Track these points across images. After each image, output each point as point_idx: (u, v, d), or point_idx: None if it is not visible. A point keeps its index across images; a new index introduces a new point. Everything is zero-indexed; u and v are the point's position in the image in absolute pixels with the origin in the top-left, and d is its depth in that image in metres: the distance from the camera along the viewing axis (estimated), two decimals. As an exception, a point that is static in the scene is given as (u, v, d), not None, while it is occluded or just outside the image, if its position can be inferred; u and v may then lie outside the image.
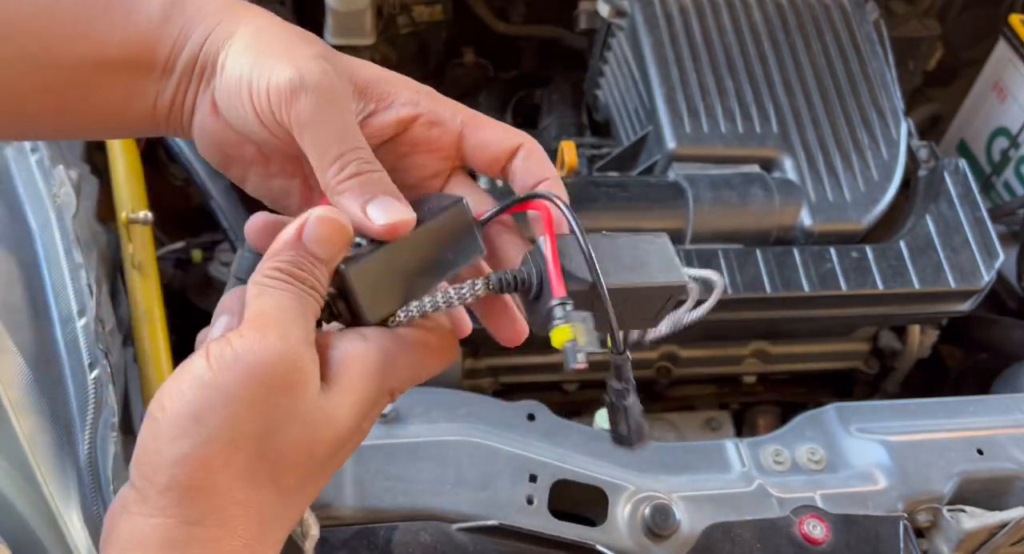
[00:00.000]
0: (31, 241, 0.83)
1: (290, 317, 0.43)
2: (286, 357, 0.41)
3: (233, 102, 0.48)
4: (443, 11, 1.46)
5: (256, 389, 0.40)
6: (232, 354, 0.41)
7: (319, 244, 0.45)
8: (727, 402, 1.25)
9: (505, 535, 0.77)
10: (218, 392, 0.40)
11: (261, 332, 0.42)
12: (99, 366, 0.77)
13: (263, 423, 0.41)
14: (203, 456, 0.40)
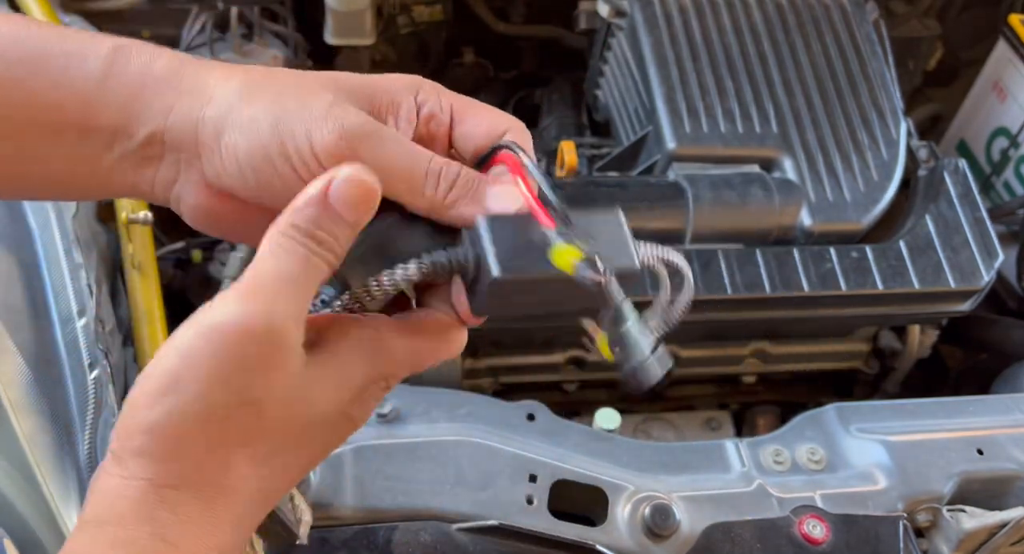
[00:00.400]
0: (31, 241, 0.83)
1: (286, 286, 0.41)
2: (266, 331, 0.40)
3: (260, 175, 0.44)
4: (443, 11, 1.46)
5: (229, 362, 0.40)
6: (209, 323, 0.40)
7: (347, 205, 0.42)
8: (727, 402, 1.25)
9: (505, 535, 0.77)
10: (193, 362, 0.40)
11: (245, 300, 0.40)
12: (99, 366, 0.78)
13: (236, 396, 0.40)
14: (174, 424, 0.40)
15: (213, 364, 0.40)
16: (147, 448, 0.40)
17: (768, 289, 1.02)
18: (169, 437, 0.40)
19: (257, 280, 0.41)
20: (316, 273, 0.43)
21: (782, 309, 1.05)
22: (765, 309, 1.05)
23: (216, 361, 0.40)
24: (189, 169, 0.46)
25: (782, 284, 1.03)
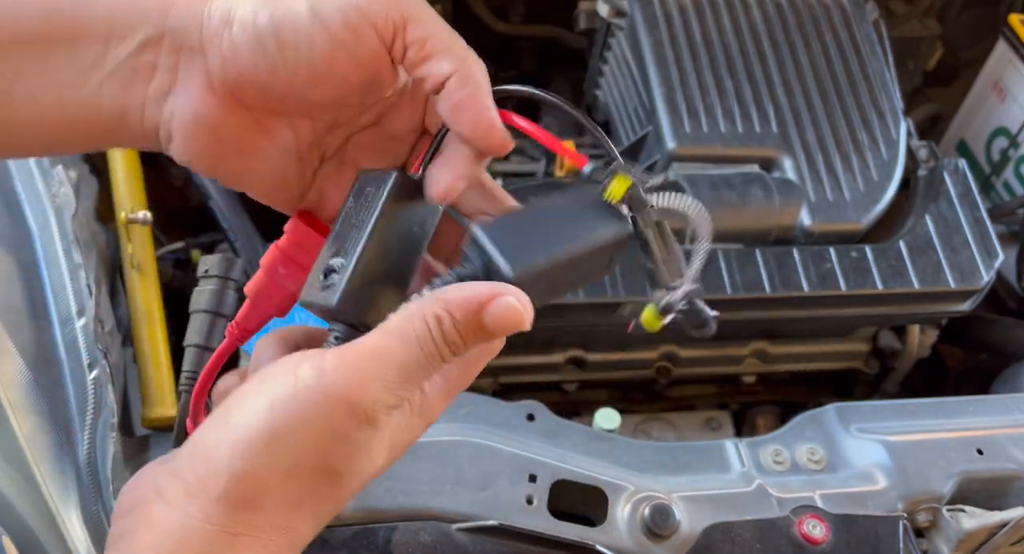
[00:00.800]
0: (30, 241, 0.83)
1: (403, 377, 0.41)
2: (369, 417, 0.41)
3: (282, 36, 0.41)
4: (443, 11, 1.46)
5: (326, 432, 0.40)
6: (318, 385, 0.40)
7: (498, 329, 0.43)
8: (727, 402, 1.25)
9: (505, 535, 0.77)
10: (291, 421, 0.40)
11: (361, 375, 0.40)
12: (98, 366, 0.77)
13: (323, 463, 0.41)
14: (261, 479, 0.40)
15: (311, 430, 0.40)
16: (228, 495, 0.40)
17: (768, 289, 1.02)
18: (252, 490, 0.40)
19: (380, 357, 0.41)
20: (429, 371, 0.43)
21: (782, 309, 1.05)
22: (765, 309, 1.05)
23: (314, 428, 0.40)
24: (190, 70, 0.43)
25: (782, 284, 1.03)
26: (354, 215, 0.46)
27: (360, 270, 0.45)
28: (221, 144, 0.45)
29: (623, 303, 0.50)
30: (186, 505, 0.40)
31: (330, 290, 0.45)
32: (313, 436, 0.40)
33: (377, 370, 0.41)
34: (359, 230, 0.46)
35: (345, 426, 0.40)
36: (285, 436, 0.40)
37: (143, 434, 0.86)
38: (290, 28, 0.41)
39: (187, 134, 0.44)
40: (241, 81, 0.43)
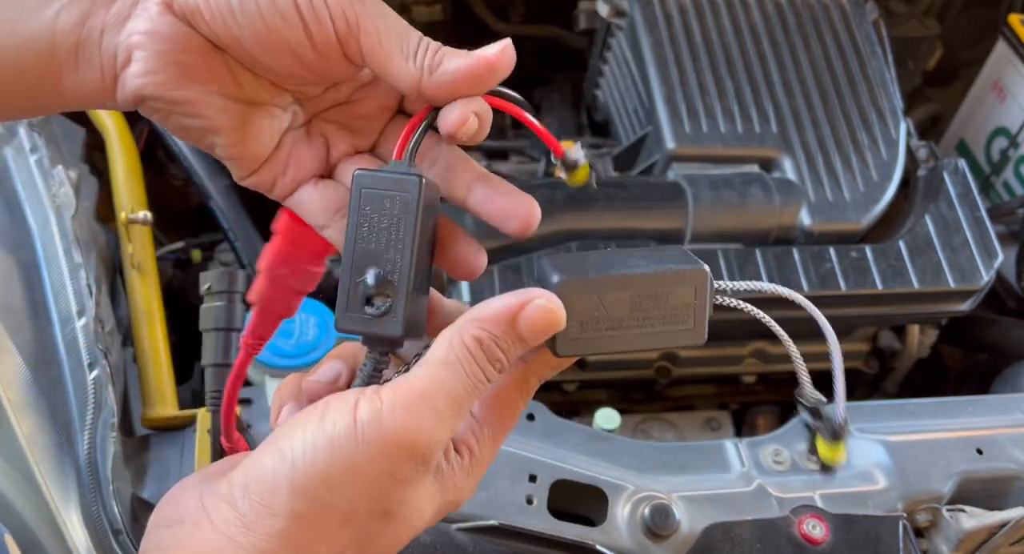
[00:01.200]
0: (30, 241, 0.83)
1: (453, 408, 0.41)
2: (425, 453, 0.41)
3: (257, 4, 0.40)
4: (443, 11, 1.45)
5: (382, 473, 0.40)
6: (373, 425, 0.40)
7: (534, 332, 0.43)
8: (727, 402, 1.24)
9: (505, 535, 0.77)
10: (349, 464, 0.40)
11: (416, 412, 0.40)
12: (98, 366, 0.77)
13: (378, 506, 0.41)
14: (320, 522, 0.40)
15: (368, 472, 0.40)
16: (286, 535, 0.40)
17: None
18: (309, 532, 0.40)
19: (431, 393, 0.41)
20: (478, 392, 0.42)
21: (782, 309, 1.05)
22: (765, 309, 1.04)
23: (371, 470, 0.40)
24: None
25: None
26: (375, 228, 0.44)
27: (411, 292, 0.44)
28: (180, 67, 0.42)
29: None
30: (239, 536, 0.40)
31: (388, 319, 0.43)
32: (371, 479, 0.40)
33: (429, 406, 0.41)
34: (397, 251, 0.43)
35: (403, 469, 0.40)
36: (345, 480, 0.40)
37: (143, 434, 0.86)
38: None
39: (146, 52, 0.41)
40: (199, 14, 0.41)
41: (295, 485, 0.40)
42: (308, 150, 0.48)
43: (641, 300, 0.45)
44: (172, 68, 0.42)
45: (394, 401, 0.41)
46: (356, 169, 0.45)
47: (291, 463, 0.40)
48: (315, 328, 0.94)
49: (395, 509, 0.41)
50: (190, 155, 1.11)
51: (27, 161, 0.88)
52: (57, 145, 0.93)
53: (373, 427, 0.40)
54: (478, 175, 0.47)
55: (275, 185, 0.48)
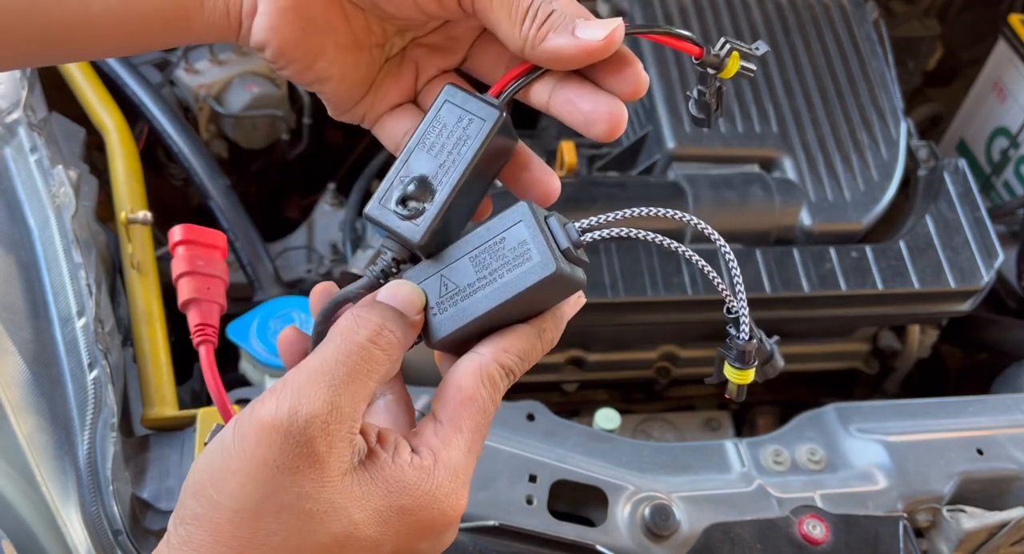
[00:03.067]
0: (30, 241, 0.83)
1: (331, 379, 0.40)
2: (300, 426, 0.39)
3: None
4: (443, 11, 1.45)
5: (260, 462, 0.39)
6: (246, 424, 0.39)
7: (391, 297, 0.43)
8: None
9: (505, 535, 0.77)
10: (228, 461, 0.39)
11: (280, 399, 0.39)
12: (98, 366, 0.77)
13: (270, 501, 0.39)
14: (212, 521, 0.39)
15: (245, 463, 0.39)
16: (190, 539, 0.40)
17: (768, 289, 1.02)
18: (206, 533, 0.39)
19: (298, 376, 0.40)
20: (373, 365, 0.41)
21: (782, 309, 1.05)
22: (765, 309, 1.05)
23: (249, 460, 0.39)
24: None
25: (782, 284, 1.03)
26: (441, 138, 0.45)
27: (446, 209, 0.44)
28: (303, 19, 0.43)
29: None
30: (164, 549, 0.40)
31: (414, 223, 0.44)
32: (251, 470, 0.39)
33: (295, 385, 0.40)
34: (451, 166, 0.44)
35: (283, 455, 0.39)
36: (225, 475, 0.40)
37: (143, 434, 0.86)
38: None
39: (269, 8, 0.43)
40: None
41: (187, 489, 0.40)
42: (399, 78, 0.49)
43: (479, 257, 0.44)
44: (295, 23, 0.43)
45: (265, 394, 0.40)
46: (448, 83, 0.45)
47: (191, 473, 0.40)
48: (315, 328, 0.93)
49: (293, 502, 0.39)
50: (190, 155, 1.11)
51: (27, 161, 0.88)
52: (57, 145, 0.93)
53: (246, 417, 0.39)
54: (559, 77, 0.46)
55: (364, 118, 0.49)
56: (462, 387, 0.44)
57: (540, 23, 0.42)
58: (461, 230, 0.46)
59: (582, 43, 0.42)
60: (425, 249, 0.44)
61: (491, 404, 0.44)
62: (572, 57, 0.42)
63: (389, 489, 0.41)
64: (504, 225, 0.44)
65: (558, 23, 0.42)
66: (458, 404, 0.43)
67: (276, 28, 0.43)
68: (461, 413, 0.43)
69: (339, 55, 0.45)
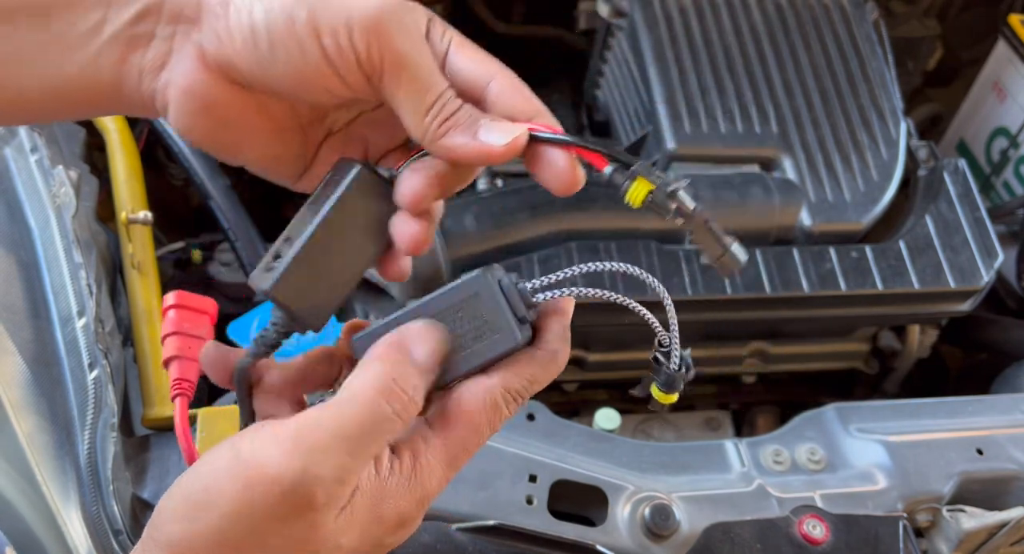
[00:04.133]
0: (31, 241, 0.83)
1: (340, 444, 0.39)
2: (293, 489, 0.39)
3: (275, 41, 0.40)
4: (443, 11, 1.45)
5: (252, 506, 0.39)
6: (245, 460, 0.39)
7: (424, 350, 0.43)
8: (727, 402, 1.24)
9: (505, 535, 0.77)
10: (217, 494, 0.39)
11: (288, 449, 0.39)
12: (99, 366, 0.77)
13: (253, 539, 0.39)
14: (192, 548, 0.39)
15: (235, 503, 0.39)
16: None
17: (768, 289, 1.02)
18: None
19: (310, 428, 0.39)
20: (386, 426, 0.41)
21: (782, 309, 1.05)
22: (765, 309, 1.05)
23: (239, 502, 0.39)
24: (184, 44, 0.42)
25: (782, 284, 1.03)
26: (316, 202, 0.46)
27: (303, 257, 0.44)
28: (215, 119, 0.44)
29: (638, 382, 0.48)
30: None
31: (270, 273, 0.45)
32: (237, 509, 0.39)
33: (307, 440, 0.40)
34: (313, 217, 0.45)
35: (269, 500, 0.39)
36: (209, 509, 0.40)
37: (143, 434, 0.86)
38: (283, 32, 0.40)
39: (181, 107, 0.43)
40: (233, 65, 0.42)
41: (168, 515, 0.40)
42: (345, 151, 0.49)
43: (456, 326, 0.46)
44: (206, 123, 0.43)
45: (273, 434, 0.40)
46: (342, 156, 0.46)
47: (169, 495, 0.40)
48: (315, 328, 0.93)
49: (280, 544, 0.39)
50: (190, 155, 1.11)
51: (27, 161, 0.88)
52: (57, 145, 0.93)
53: (242, 459, 0.39)
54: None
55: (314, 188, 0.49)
56: (462, 402, 0.44)
57: (444, 118, 0.42)
58: (347, 289, 0.46)
59: (482, 147, 0.42)
60: (276, 297, 0.45)
61: (487, 426, 0.44)
62: (468, 157, 0.43)
63: (373, 503, 0.41)
64: (462, 294, 0.46)
65: (462, 121, 0.42)
66: (459, 424, 0.44)
67: (188, 127, 0.44)
68: (461, 438, 0.44)
69: (262, 141, 0.45)
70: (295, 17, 0.40)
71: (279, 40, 0.40)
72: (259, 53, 0.41)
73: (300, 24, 0.40)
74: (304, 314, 0.45)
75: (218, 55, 0.42)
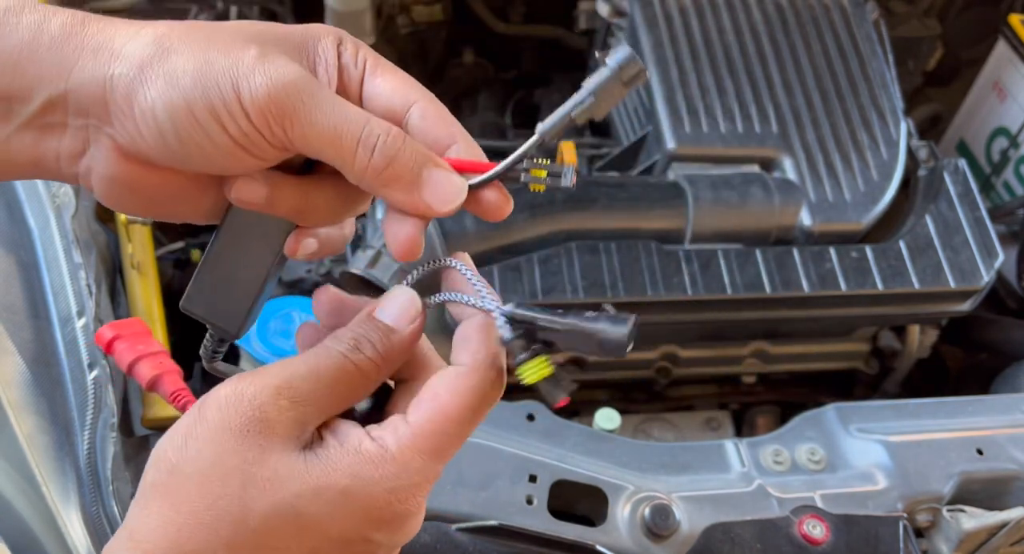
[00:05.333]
0: (30, 241, 0.83)
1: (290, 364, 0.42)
2: (250, 397, 0.41)
3: (182, 134, 0.41)
4: (443, 11, 1.46)
5: (217, 429, 0.41)
6: (210, 397, 0.42)
7: (392, 317, 0.44)
8: (727, 402, 1.24)
9: (505, 535, 0.77)
10: (189, 428, 0.42)
11: (243, 376, 0.42)
12: (98, 366, 0.77)
13: (215, 465, 0.41)
14: (166, 486, 0.41)
15: (204, 429, 0.41)
16: (147, 505, 0.41)
17: (768, 289, 1.02)
18: (162, 496, 0.41)
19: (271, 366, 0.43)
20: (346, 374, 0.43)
21: (782, 309, 1.05)
22: (765, 309, 1.05)
23: (207, 426, 0.41)
24: (98, 136, 0.42)
25: (782, 284, 1.03)
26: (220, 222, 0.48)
27: (206, 271, 0.47)
28: (143, 197, 0.44)
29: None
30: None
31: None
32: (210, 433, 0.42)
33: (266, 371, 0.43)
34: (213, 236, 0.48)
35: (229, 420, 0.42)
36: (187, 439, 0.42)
37: (143, 434, 0.86)
38: (188, 126, 0.41)
39: (107, 190, 0.44)
40: (150, 156, 0.42)
41: (151, 459, 0.42)
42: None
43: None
44: (136, 198, 0.44)
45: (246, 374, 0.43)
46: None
47: (164, 438, 0.43)
48: (315, 328, 0.93)
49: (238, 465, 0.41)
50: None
51: (27, 161, 0.88)
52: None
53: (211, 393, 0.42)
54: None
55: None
56: (448, 412, 0.43)
57: (378, 171, 0.42)
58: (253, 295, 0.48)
59: (428, 209, 0.43)
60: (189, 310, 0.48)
61: (465, 436, 0.44)
62: (411, 213, 0.44)
63: (331, 468, 0.42)
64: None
65: (402, 173, 0.42)
66: (439, 424, 0.43)
67: (116, 204, 0.45)
68: (438, 437, 0.43)
69: (194, 202, 0.46)
70: (194, 109, 0.40)
71: (187, 134, 0.41)
72: (171, 148, 0.41)
73: (201, 115, 0.40)
74: (218, 321, 0.48)
75: (133, 148, 0.42)
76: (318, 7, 1.29)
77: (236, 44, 0.41)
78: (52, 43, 0.41)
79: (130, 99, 0.40)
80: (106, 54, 0.41)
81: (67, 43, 0.41)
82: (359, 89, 0.45)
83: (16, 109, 0.42)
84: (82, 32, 0.41)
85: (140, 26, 0.42)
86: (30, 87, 0.41)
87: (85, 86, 0.41)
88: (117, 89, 0.41)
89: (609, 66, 0.43)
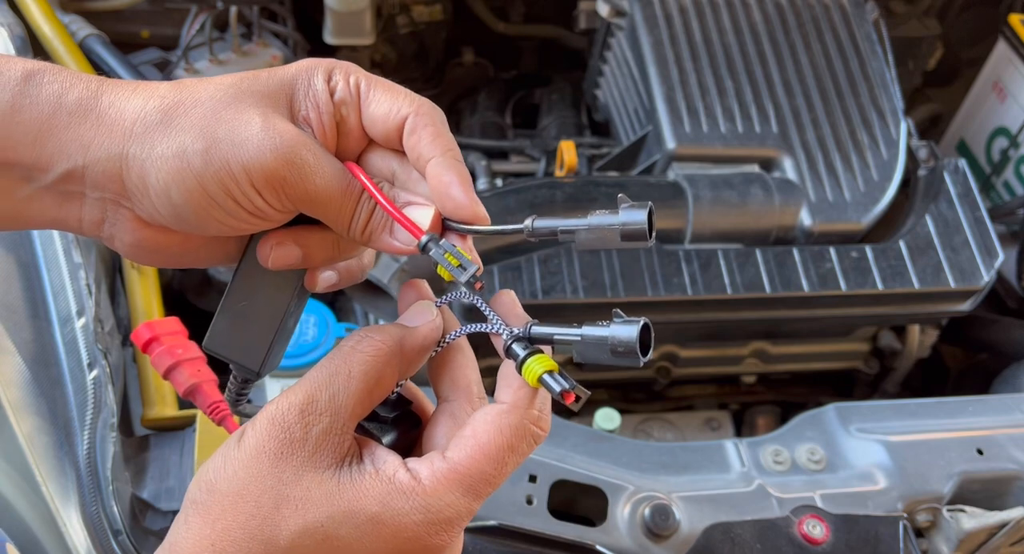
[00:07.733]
0: (30, 241, 0.83)
1: (309, 378, 0.44)
2: (280, 419, 0.43)
3: (198, 210, 0.43)
4: (443, 11, 1.46)
5: (253, 452, 0.43)
6: (253, 421, 0.44)
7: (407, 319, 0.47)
8: (727, 402, 1.25)
9: (505, 535, 0.77)
10: (229, 450, 0.44)
11: (279, 398, 0.44)
12: (98, 366, 0.77)
13: (249, 485, 0.42)
14: (204, 505, 0.43)
15: (242, 452, 0.43)
16: (187, 522, 0.43)
17: (768, 289, 1.02)
18: (200, 514, 0.43)
19: (298, 385, 0.44)
20: (371, 373, 0.44)
21: (782, 309, 1.05)
22: (765, 309, 1.05)
23: (245, 449, 0.43)
24: (118, 209, 0.45)
25: (782, 284, 1.03)
26: (237, 264, 0.50)
27: (226, 311, 0.49)
28: (167, 255, 0.48)
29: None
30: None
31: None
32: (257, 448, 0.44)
33: (305, 381, 0.46)
34: (231, 277, 0.49)
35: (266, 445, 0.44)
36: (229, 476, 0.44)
37: (143, 434, 0.86)
38: (202, 205, 0.43)
39: (132, 253, 0.47)
40: (169, 226, 0.45)
41: (195, 479, 0.44)
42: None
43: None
44: (160, 256, 0.48)
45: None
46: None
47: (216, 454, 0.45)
48: (314, 328, 0.94)
49: (272, 485, 0.42)
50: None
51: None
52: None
53: (256, 416, 0.44)
54: None
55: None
56: (477, 431, 0.44)
57: (362, 227, 0.46)
58: (273, 331, 0.49)
59: (401, 248, 0.47)
60: (211, 349, 0.49)
61: (507, 473, 0.45)
62: (392, 253, 0.49)
63: (362, 493, 0.43)
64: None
65: (378, 225, 0.47)
66: (476, 457, 0.44)
67: (143, 262, 0.49)
68: (472, 469, 0.44)
69: (217, 253, 0.49)
70: (208, 189, 0.43)
71: (202, 211, 0.44)
72: (188, 222, 0.45)
73: (215, 194, 0.43)
74: (240, 359, 0.49)
75: (151, 220, 0.45)
76: (318, 7, 1.29)
77: (240, 114, 0.44)
78: (71, 119, 0.43)
79: (144, 181, 0.43)
80: (119, 132, 0.43)
81: (84, 120, 0.43)
82: (359, 118, 0.47)
83: (36, 176, 0.44)
84: (97, 104, 0.44)
85: (147, 95, 0.44)
86: (50, 158, 0.43)
87: (101, 162, 0.43)
88: (132, 169, 0.43)
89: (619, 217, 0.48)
